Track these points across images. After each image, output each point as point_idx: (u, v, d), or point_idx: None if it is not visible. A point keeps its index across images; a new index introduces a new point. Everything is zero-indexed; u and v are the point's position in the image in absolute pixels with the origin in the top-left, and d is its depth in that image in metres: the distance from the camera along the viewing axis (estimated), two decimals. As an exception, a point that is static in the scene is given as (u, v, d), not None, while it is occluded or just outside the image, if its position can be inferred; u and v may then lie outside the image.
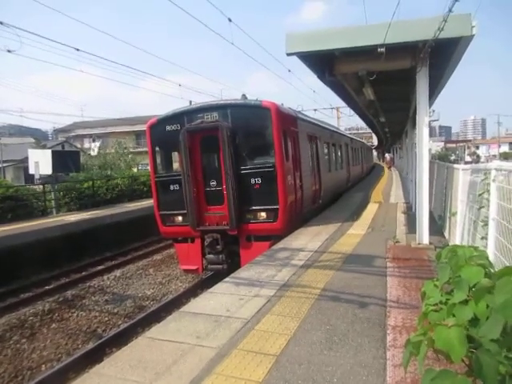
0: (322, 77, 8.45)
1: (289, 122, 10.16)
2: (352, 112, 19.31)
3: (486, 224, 4.47)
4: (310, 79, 13.57)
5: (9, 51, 11.69)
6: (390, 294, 4.87)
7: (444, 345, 1.60)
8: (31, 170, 16.28)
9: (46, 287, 10.14)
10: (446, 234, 7.83)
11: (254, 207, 9.12)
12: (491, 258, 3.70)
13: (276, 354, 3.54)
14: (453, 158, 78.24)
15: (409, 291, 4.94)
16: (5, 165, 32.99)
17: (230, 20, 12.26)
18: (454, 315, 1.88)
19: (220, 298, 5.14)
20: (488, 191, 4.41)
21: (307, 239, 8.44)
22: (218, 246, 9.32)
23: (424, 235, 7.32)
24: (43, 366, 6.40)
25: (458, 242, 6.06)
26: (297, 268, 6.27)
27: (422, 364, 1.67)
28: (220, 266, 9.40)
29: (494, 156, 78.25)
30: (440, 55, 6.75)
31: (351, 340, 3.72)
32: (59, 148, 35.00)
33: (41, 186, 16.74)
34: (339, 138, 18.99)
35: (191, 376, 3.24)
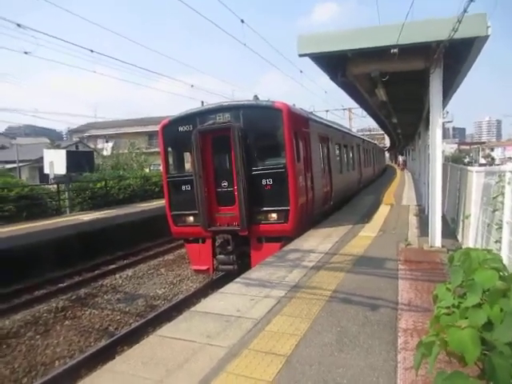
0: (334, 78, 8.43)
1: (300, 122, 10.15)
2: (364, 113, 19.20)
3: (500, 227, 4.41)
4: (321, 80, 13.56)
5: (26, 53, 11.93)
6: (401, 297, 4.84)
7: (457, 346, 1.59)
8: (46, 170, 16.58)
9: (60, 285, 10.31)
10: (459, 237, 7.73)
11: (264, 208, 9.12)
12: (505, 261, 3.65)
13: (286, 354, 3.55)
14: (467, 160, 77.15)
15: (420, 294, 4.89)
16: (20, 164, 33.55)
17: (242, 21, 12.33)
18: (466, 319, 1.86)
19: (231, 299, 5.16)
20: (503, 194, 4.36)
21: (318, 241, 8.42)
22: (229, 247, 9.35)
23: (436, 238, 7.24)
24: (56, 362, 6.51)
25: (471, 245, 5.99)
26: (307, 269, 6.26)
27: (433, 364, 1.67)
28: (231, 267, 9.43)
29: (510, 158, 76.88)
30: (454, 56, 6.68)
31: (362, 342, 3.71)
32: (73, 148, 35.56)
33: (55, 186, 17.03)
34: (351, 139, 18.89)
35: (202, 374, 3.27)
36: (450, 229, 8.65)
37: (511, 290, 1.86)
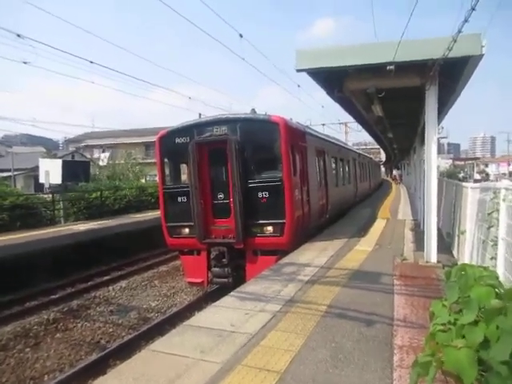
0: (330, 93, 8.53)
1: (297, 136, 10.21)
2: (360, 127, 19.36)
3: (495, 244, 4.42)
4: (318, 95, 13.71)
5: (25, 63, 11.98)
6: (396, 313, 4.80)
7: (454, 366, 1.57)
8: (41, 179, 16.49)
9: (52, 296, 10.16)
10: (455, 253, 7.74)
11: (260, 221, 9.10)
12: (501, 278, 3.65)
13: (280, 370, 3.50)
14: (461, 175, 77.65)
15: (416, 310, 4.86)
16: (16, 173, 33.34)
17: (241, 36, 12.49)
18: (463, 336, 1.85)
19: (225, 312, 5.11)
20: (498, 210, 4.38)
21: (313, 254, 8.39)
22: (224, 260, 9.28)
23: (432, 253, 7.24)
24: (46, 376, 6.36)
25: (466, 261, 5.98)
26: (303, 283, 6.22)
27: (430, 385, 1.64)
28: (225, 280, 9.35)
29: (504, 174, 77.54)
30: (449, 74, 6.78)
31: (357, 359, 3.66)
32: (69, 158, 35.37)
33: (50, 195, 16.92)
34: (347, 153, 19.00)
35: (194, 391, 3.21)
36: (446, 243, 8.66)
37: (508, 308, 1.85)
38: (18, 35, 11.44)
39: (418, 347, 3.74)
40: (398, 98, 8.86)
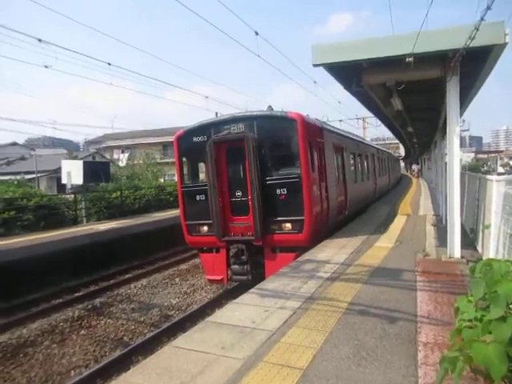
0: (348, 88, 8.43)
1: (314, 132, 10.13)
2: (378, 122, 19.11)
3: (522, 238, 4.29)
4: (335, 91, 13.58)
5: (46, 67, 12.27)
6: (420, 309, 4.72)
7: (482, 362, 1.53)
8: (63, 180, 16.90)
9: (76, 294, 10.41)
10: (479, 248, 7.54)
11: (279, 218, 9.08)
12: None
13: (303, 367, 3.48)
14: (484, 169, 75.64)
15: (440, 306, 4.77)
16: (39, 175, 34.29)
17: (256, 33, 12.45)
18: (490, 333, 1.80)
19: (245, 309, 5.12)
20: (525, 204, 4.24)
21: (333, 251, 8.32)
22: (243, 257, 9.31)
23: (455, 248, 7.08)
24: (72, 371, 6.53)
25: (491, 256, 5.83)
26: (322, 280, 6.18)
27: (457, 380, 1.60)
28: (245, 277, 9.38)
29: (529, 167, 75.12)
30: (471, 64, 6.60)
31: (380, 356, 3.62)
32: (90, 159, 36.18)
33: (72, 196, 17.32)
34: (365, 149, 18.75)
35: (217, 387, 3.23)
36: (469, 239, 8.45)
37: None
38: (40, 40, 11.72)
39: (444, 344, 3.66)
40: (418, 90, 8.69)
